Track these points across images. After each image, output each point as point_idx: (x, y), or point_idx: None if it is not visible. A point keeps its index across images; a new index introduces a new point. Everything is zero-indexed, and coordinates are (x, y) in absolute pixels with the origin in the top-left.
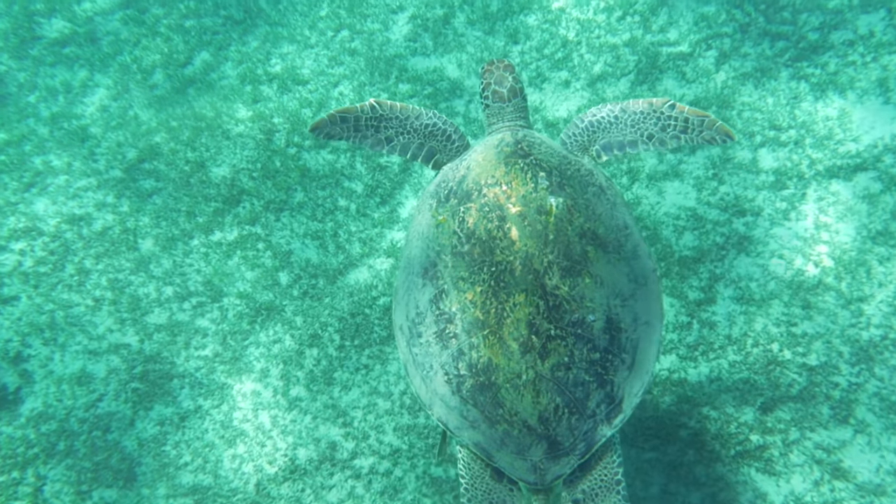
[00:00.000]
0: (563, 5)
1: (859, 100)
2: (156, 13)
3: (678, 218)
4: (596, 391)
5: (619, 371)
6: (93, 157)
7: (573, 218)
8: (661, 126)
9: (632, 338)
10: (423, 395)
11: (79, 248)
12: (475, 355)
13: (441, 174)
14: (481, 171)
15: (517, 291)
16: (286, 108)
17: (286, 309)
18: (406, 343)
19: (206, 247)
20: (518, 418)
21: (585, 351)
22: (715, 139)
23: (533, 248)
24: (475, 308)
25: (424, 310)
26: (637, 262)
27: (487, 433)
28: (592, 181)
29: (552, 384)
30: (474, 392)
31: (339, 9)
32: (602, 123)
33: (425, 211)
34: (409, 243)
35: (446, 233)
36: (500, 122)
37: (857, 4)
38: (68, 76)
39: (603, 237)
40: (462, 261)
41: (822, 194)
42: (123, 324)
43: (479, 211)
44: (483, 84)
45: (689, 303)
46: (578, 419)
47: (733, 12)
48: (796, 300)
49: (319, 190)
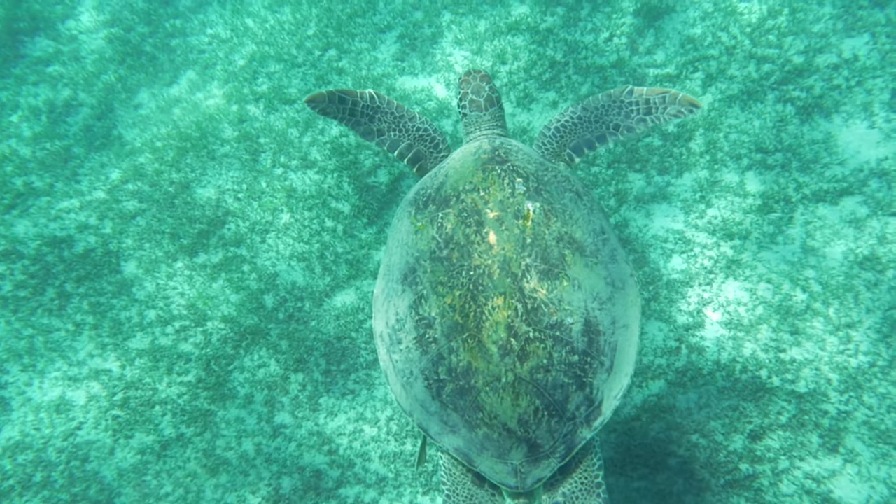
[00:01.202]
0: (550, 26)
1: (845, 123)
2: (141, 31)
3: (666, 241)
4: (575, 393)
5: (598, 373)
6: (75, 177)
7: (550, 222)
8: (624, 114)
9: (610, 341)
10: (403, 401)
11: (60, 272)
12: (455, 359)
13: (420, 182)
14: (459, 178)
15: (496, 295)
16: (273, 127)
17: (271, 332)
18: (386, 350)
19: (190, 269)
20: (498, 421)
21: (564, 353)
22: (681, 111)
23: (511, 251)
24: (454, 312)
25: (404, 316)
26: (615, 266)
27: (468, 438)
28: (569, 187)
29: (531, 386)
30: (454, 396)
31: (326, 28)
32: (568, 126)
33: (404, 218)
34: (388, 251)
35: (425, 238)
36: (478, 130)
37: (842, 28)
38: (52, 95)
39: (580, 241)
40: (441, 265)
41: (809, 218)
42: (104, 349)
43: (458, 216)
44: (461, 94)
45: (677, 327)
46: (558, 422)
47: (719, 35)
48: (785, 325)
49: (306, 210)
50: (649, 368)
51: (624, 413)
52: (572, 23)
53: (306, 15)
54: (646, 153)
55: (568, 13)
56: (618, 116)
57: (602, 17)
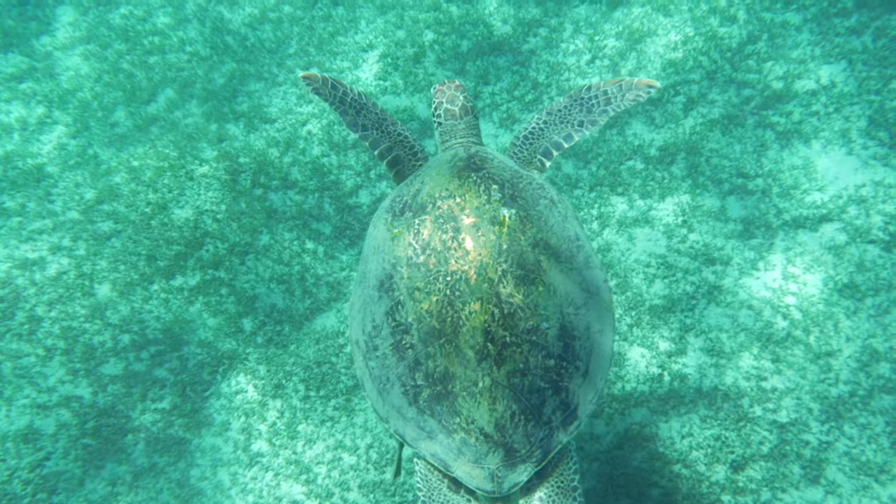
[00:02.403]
0: (533, 48)
1: (823, 150)
2: (118, 48)
3: (648, 265)
4: (551, 398)
5: (574, 378)
6: (49, 197)
7: (526, 228)
8: (586, 110)
9: (585, 346)
10: (379, 408)
11: (30, 295)
12: (432, 365)
13: (396, 191)
14: (435, 185)
15: (472, 300)
16: (252, 147)
17: (249, 357)
18: (362, 357)
19: (167, 292)
20: (475, 426)
21: (540, 358)
22: (640, 96)
23: (487, 257)
24: (431, 318)
25: (380, 322)
26: (589, 272)
27: (444, 443)
28: (544, 194)
29: (508, 391)
30: (431, 402)
31: (307, 46)
32: (536, 132)
33: (380, 225)
34: (363, 258)
35: (402, 245)
36: (453, 139)
37: (819, 55)
38: (24, 113)
39: (555, 247)
40: (418, 271)
41: (790, 244)
42: (76, 375)
43: (434, 222)
44: (435, 103)
45: (659, 353)
46: (534, 426)
47: (700, 59)
48: (766, 353)
49: (286, 232)
50: (632, 396)
51: (606, 442)
52: (555, 44)
53: (287, 33)
54: (628, 177)
55: (550, 34)
56: (580, 114)
57: (584, 38)
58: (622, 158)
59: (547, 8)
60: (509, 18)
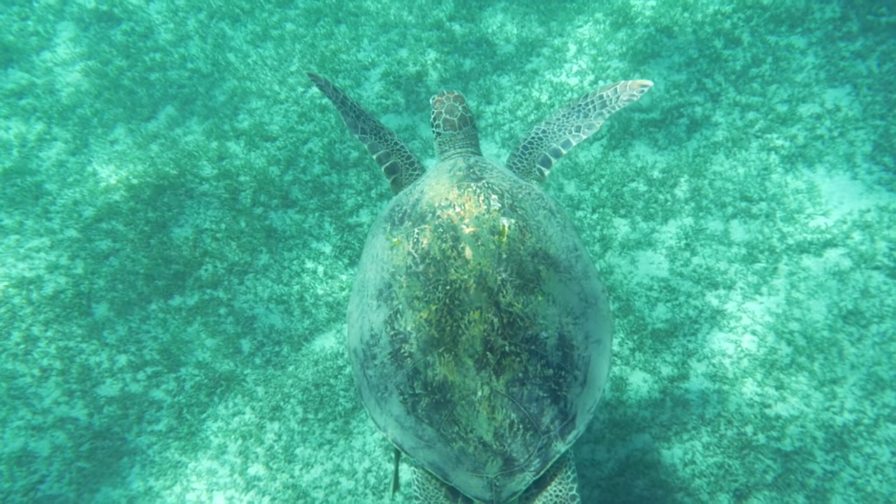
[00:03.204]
0: (536, 67)
1: (828, 174)
2: (119, 65)
3: (651, 289)
4: (550, 407)
5: (573, 387)
6: (47, 215)
7: (525, 238)
8: (583, 115)
9: (584, 355)
10: (377, 417)
11: (27, 314)
12: (430, 373)
13: (394, 200)
14: (435, 194)
15: (472, 309)
16: (253, 165)
17: (247, 379)
18: (360, 366)
19: (165, 312)
20: (474, 435)
21: (539, 367)
22: (634, 95)
23: (487, 266)
24: (430, 326)
25: (379, 331)
26: (587, 282)
27: (443, 452)
28: (543, 204)
29: (507, 400)
30: (430, 411)
31: (309, 64)
32: (535, 142)
33: (379, 234)
34: (362, 267)
35: (401, 254)
36: (452, 149)
37: (824, 78)
38: (24, 129)
39: (554, 257)
40: (417, 280)
41: (794, 269)
42: (72, 396)
43: (434, 232)
44: (434, 113)
45: (661, 378)
46: (533, 435)
47: (704, 81)
48: (770, 380)
49: (286, 251)
50: (633, 421)
51: (607, 468)
52: (558, 64)
53: (289, 50)
54: (631, 199)
55: (554, 54)
56: (578, 119)
57: (588, 59)
58: (625, 180)
59: (550, 27)
60: (512, 38)
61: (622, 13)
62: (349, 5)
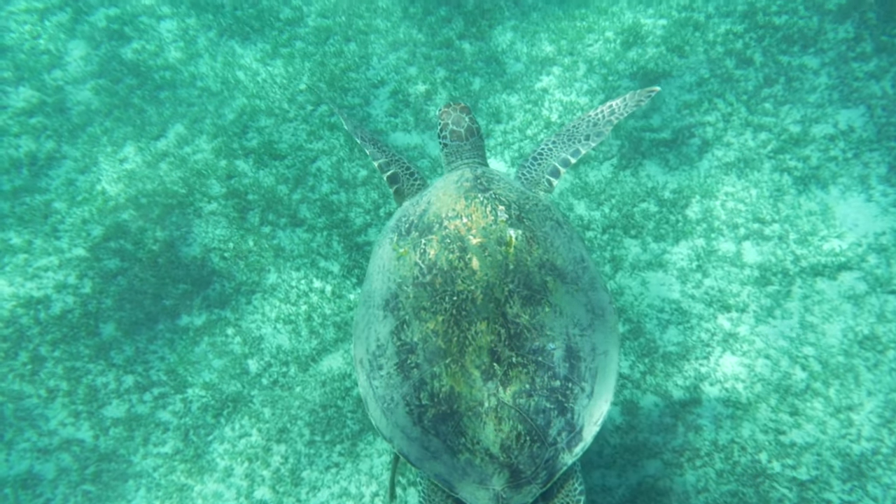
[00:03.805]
0: (546, 86)
1: (842, 196)
2: (129, 83)
3: (662, 311)
4: (557, 419)
5: (579, 399)
6: (55, 234)
7: (532, 249)
8: (592, 124)
9: (591, 367)
10: (383, 428)
11: (34, 335)
12: (437, 384)
13: (401, 210)
14: (442, 205)
15: (479, 320)
16: (261, 184)
17: (254, 400)
18: (366, 377)
19: (172, 332)
20: (480, 447)
21: (546, 378)
22: (642, 101)
23: (494, 277)
24: (437, 337)
25: (385, 342)
26: (594, 293)
27: (449, 463)
28: (550, 216)
29: (514, 411)
30: (436, 422)
31: (318, 82)
32: (544, 153)
33: (385, 245)
34: (368, 277)
35: (407, 264)
36: (459, 159)
37: (837, 99)
38: (34, 147)
39: (561, 268)
40: (424, 291)
41: (808, 292)
42: (78, 417)
43: (441, 242)
44: (441, 125)
45: (673, 403)
46: (540, 447)
47: (715, 101)
48: (784, 405)
49: (294, 271)
50: (645, 446)
51: (618, 495)
52: (568, 83)
53: (298, 68)
54: (641, 219)
55: (564, 73)
56: (587, 129)
57: (598, 78)
58: (635, 200)
59: (560, 46)
60: (522, 56)
61: (632, 32)
62: (359, 23)
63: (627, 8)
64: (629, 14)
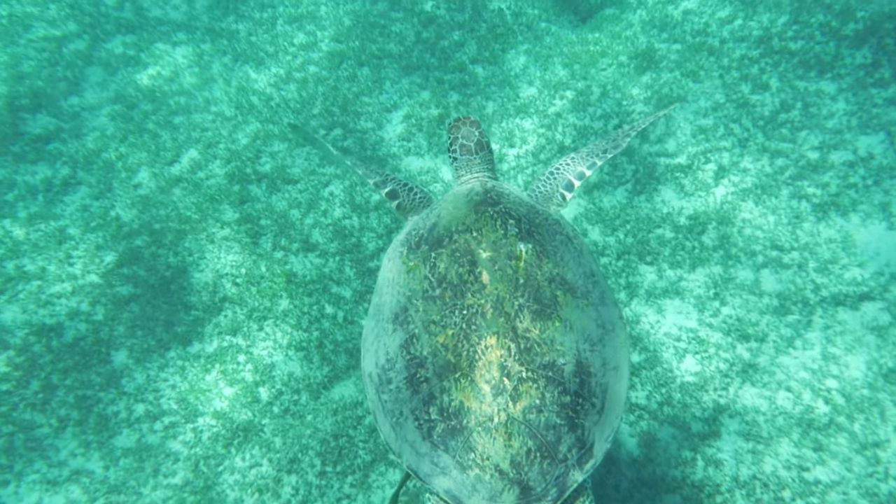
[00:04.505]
0: (559, 110)
1: (863, 223)
2: (144, 109)
3: (679, 339)
4: (567, 435)
5: (590, 415)
6: (69, 260)
7: (542, 263)
8: (611, 139)
9: (601, 382)
10: (392, 442)
11: (46, 363)
12: (447, 399)
13: (411, 223)
14: (452, 219)
15: (489, 334)
16: (274, 209)
17: (265, 429)
18: (375, 391)
19: (183, 359)
20: (490, 463)
21: (556, 394)
22: (659, 115)
23: (504, 291)
24: (447, 351)
25: (394, 355)
26: (604, 308)
27: (459, 479)
28: (559, 230)
29: (524, 427)
30: (445, 437)
31: (332, 106)
32: (561, 167)
33: (395, 258)
34: (378, 290)
35: (417, 278)
36: (469, 173)
37: (856, 125)
38: (50, 173)
39: (571, 283)
40: (433, 305)
41: (829, 322)
42: (88, 447)
43: (450, 256)
44: (451, 138)
45: (691, 435)
46: (550, 464)
47: (731, 126)
48: (807, 440)
49: (306, 296)
50: (663, 481)
51: None
52: (581, 107)
53: (312, 93)
54: (657, 245)
55: (577, 97)
56: (605, 143)
57: (612, 103)
58: (650, 226)
59: (574, 70)
60: (535, 80)
61: (646, 57)
62: (372, 48)
63: (641, 32)
64: (643, 38)
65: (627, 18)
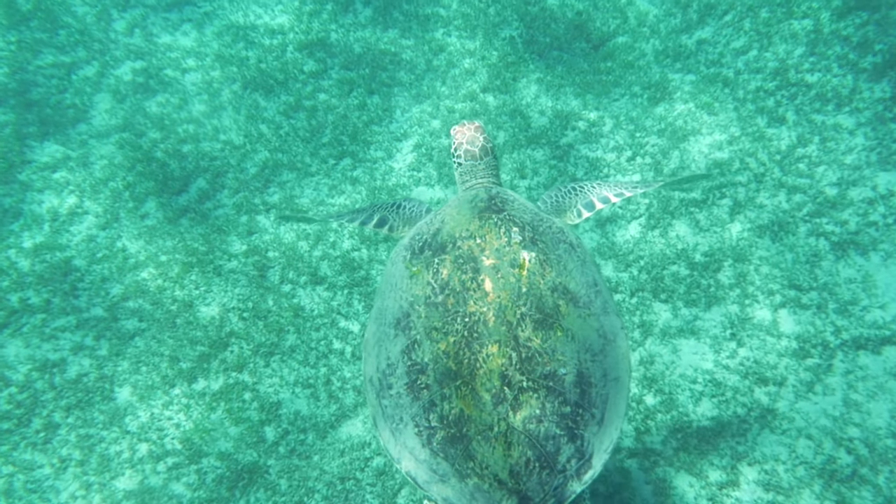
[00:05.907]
0: (571, 141)
1: (883, 263)
2: (153, 137)
3: (695, 381)
4: (566, 445)
5: (590, 426)
6: (74, 292)
7: (545, 272)
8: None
9: (601, 393)
10: (391, 448)
11: (49, 400)
12: (447, 406)
13: (415, 229)
14: (455, 225)
15: (490, 342)
16: (282, 240)
17: (270, 470)
18: (375, 395)
19: (188, 397)
20: (489, 472)
21: (557, 404)
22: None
23: (506, 299)
24: (448, 358)
25: (396, 361)
26: (606, 318)
27: (457, 487)
28: (563, 239)
29: (524, 437)
30: (445, 444)
31: (342, 135)
32: (586, 188)
33: (398, 263)
34: (380, 295)
35: (420, 284)
36: (473, 179)
37: (875, 161)
38: (56, 203)
39: (574, 292)
40: (435, 311)
41: (850, 367)
42: (89, 489)
43: (454, 262)
44: (455, 144)
45: (709, 484)
46: (549, 474)
47: (747, 160)
48: (830, 493)
49: (313, 331)
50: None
51: None
52: (594, 139)
53: (322, 122)
54: (671, 283)
55: (590, 128)
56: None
57: (625, 134)
58: (665, 263)
59: (586, 100)
60: (547, 110)
61: (660, 88)
62: (382, 76)
63: (654, 62)
64: (656, 69)
65: (640, 48)
